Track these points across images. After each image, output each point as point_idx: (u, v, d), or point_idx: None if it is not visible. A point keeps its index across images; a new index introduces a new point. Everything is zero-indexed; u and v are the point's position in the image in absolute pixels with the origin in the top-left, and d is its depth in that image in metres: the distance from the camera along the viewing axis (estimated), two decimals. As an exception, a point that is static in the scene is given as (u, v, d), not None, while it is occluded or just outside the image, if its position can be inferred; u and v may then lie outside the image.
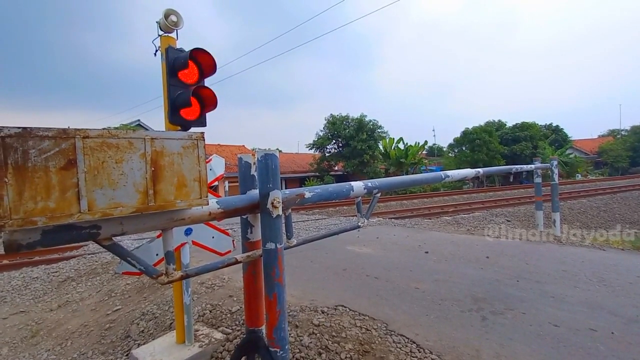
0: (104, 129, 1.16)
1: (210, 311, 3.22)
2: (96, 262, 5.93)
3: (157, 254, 2.30)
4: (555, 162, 6.34)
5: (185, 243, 2.43)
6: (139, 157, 1.15)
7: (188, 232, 2.42)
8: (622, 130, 42.02)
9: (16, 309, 4.32)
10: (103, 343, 3.12)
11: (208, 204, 1.38)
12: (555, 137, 33.23)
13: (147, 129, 23.09)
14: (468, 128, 29.49)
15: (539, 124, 32.67)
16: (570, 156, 29.69)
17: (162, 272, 1.43)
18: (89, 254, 6.48)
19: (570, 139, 35.18)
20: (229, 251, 2.62)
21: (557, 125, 35.69)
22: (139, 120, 24.59)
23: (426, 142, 29.12)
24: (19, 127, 0.95)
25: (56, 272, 5.59)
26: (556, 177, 6.29)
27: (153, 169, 1.18)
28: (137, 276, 4.10)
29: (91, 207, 1.06)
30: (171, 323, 3.08)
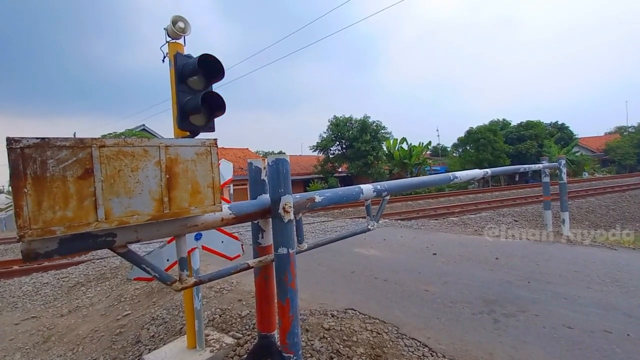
0: (118, 137, 1.17)
1: (220, 315, 3.22)
2: (105, 267, 5.97)
3: (167, 259, 2.31)
4: (563, 161, 6.27)
5: (196, 248, 2.43)
6: (154, 164, 1.16)
7: (198, 237, 2.43)
8: (630, 127, 41.49)
9: (28, 314, 4.36)
10: (114, 348, 3.14)
11: (222, 210, 1.38)
12: (561, 135, 32.92)
13: (152, 134, 23.16)
14: (472, 127, 29.32)
15: (544, 122, 32.43)
16: (577, 154, 29.39)
17: (176, 278, 1.43)
18: (97, 259, 6.52)
19: (576, 137, 34.85)
20: (238, 255, 2.62)
21: (563, 124, 35.43)
22: (143, 125, 24.78)
23: (430, 142, 29.01)
24: (37, 138, 0.96)
25: (66, 277, 5.64)
26: (564, 176, 6.23)
27: (168, 176, 1.19)
28: (147, 281, 4.11)
29: (108, 215, 1.07)
30: (181, 328, 3.08)
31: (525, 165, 6.00)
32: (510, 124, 31.60)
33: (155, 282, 4.26)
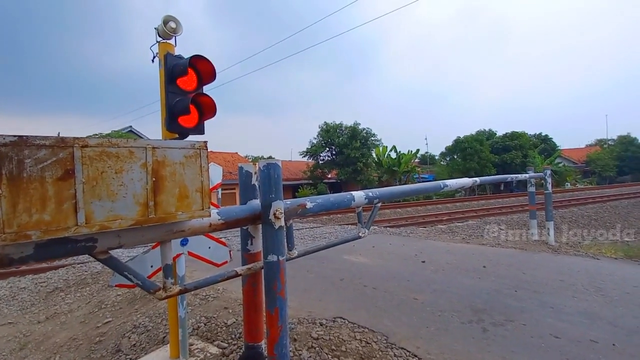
0: (104, 137, 1.12)
1: (205, 324, 3.13)
2: (86, 272, 5.76)
3: (151, 266, 2.23)
4: (549, 172, 6.42)
5: (181, 254, 2.36)
6: (139, 167, 1.11)
7: (184, 242, 2.35)
8: (609, 140, 43.05)
9: (4, 319, 4.17)
10: (92, 358, 3.00)
11: (210, 216, 1.33)
12: (544, 146, 33.88)
13: (139, 136, 22.76)
14: (460, 137, 29.93)
15: (529, 133, 33.33)
16: (559, 165, 30.25)
17: (160, 286, 1.37)
18: (78, 264, 6.29)
19: (559, 148, 35.89)
20: (226, 262, 2.55)
21: (546, 135, 36.45)
22: (130, 126, 24.33)
23: (418, 150, 29.44)
24: (14, 136, 0.90)
25: (44, 282, 5.41)
26: (549, 186, 6.36)
27: (154, 179, 1.14)
28: (130, 288, 3.98)
29: (89, 219, 1.01)
30: (164, 337, 2.97)
31: (512, 175, 6.11)
32: (496, 134, 32.36)
33: (139, 289, 4.13)
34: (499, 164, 28.31)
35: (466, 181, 3.86)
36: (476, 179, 4.23)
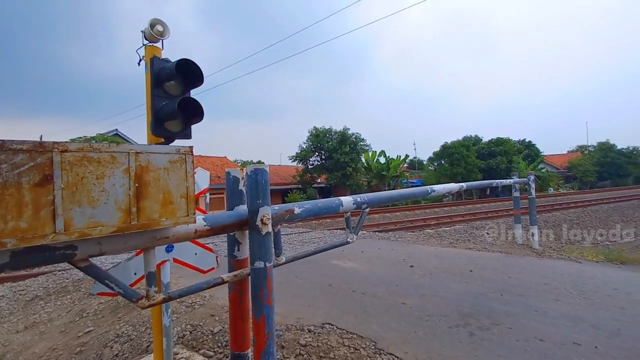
0: (84, 141, 1.09)
1: (191, 332, 3.06)
2: (67, 279, 5.59)
3: (135, 273, 2.17)
4: (533, 177, 6.56)
5: (166, 261, 2.30)
6: (122, 172, 1.08)
7: (169, 248, 2.31)
8: (590, 146, 44.44)
9: (-21, 330, 3.99)
10: (72, 369, 2.90)
11: (195, 222, 1.31)
12: (528, 152, 34.71)
13: (125, 140, 22.32)
14: (447, 142, 30.42)
15: (513, 139, 34.12)
16: (543, 170, 31.07)
17: (143, 294, 1.33)
18: (59, 271, 6.10)
19: (542, 154, 36.84)
20: (212, 268, 2.51)
21: (530, 141, 37.38)
22: (116, 129, 23.88)
23: (407, 155, 29.74)
24: (-11, 140, 0.87)
25: (23, 290, 5.23)
26: (534, 191, 6.50)
27: (137, 185, 1.11)
28: (113, 296, 3.87)
29: (68, 226, 0.98)
30: (148, 346, 2.90)
31: (497, 180, 6.23)
32: (481, 140, 33.02)
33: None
34: (485, 169, 28.87)
35: (453, 186, 3.92)
36: (463, 184, 4.30)
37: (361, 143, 27.99)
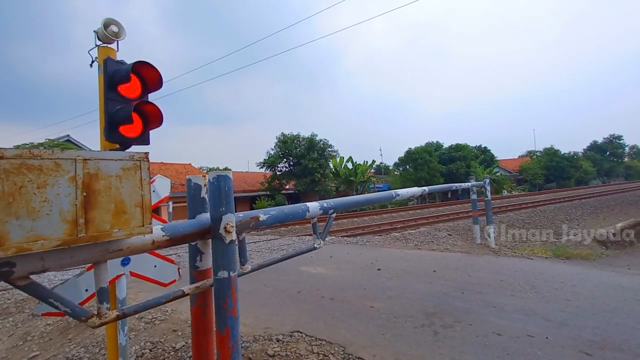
0: (31, 147, 0.99)
1: (151, 350, 2.88)
2: (8, 299, 5.05)
3: (87, 290, 2.01)
4: (488, 180, 6.99)
5: (122, 275, 2.16)
6: (67, 180, 1.00)
7: (125, 262, 2.16)
8: (537, 151, 48.30)
9: None
10: (12, 401, 2.60)
11: (152, 232, 1.23)
12: (484, 157, 36.98)
13: (78, 146, 20.76)
14: (411, 148, 31.63)
15: (470, 145, 36.25)
16: (497, 174, 33.28)
17: (94, 312, 1.23)
18: (0, 290, 5.49)
19: (496, 158, 39.42)
20: (174, 281, 2.39)
21: (485, 147, 39.83)
22: (68, 135, 22.13)
23: (374, 161, 30.51)
24: None
25: (-48, 315, 4.63)
26: (489, 193, 6.92)
27: (85, 194, 1.03)
28: (61, 316, 3.55)
29: (3, 241, 0.88)
30: (102, 368, 2.68)
31: (457, 184, 6.57)
32: (442, 146, 34.73)
33: (72, 316, 3.69)
34: (446, 173, 30.35)
35: (416, 190, 4.06)
36: (425, 188, 4.48)
37: (329, 149, 28.28)
